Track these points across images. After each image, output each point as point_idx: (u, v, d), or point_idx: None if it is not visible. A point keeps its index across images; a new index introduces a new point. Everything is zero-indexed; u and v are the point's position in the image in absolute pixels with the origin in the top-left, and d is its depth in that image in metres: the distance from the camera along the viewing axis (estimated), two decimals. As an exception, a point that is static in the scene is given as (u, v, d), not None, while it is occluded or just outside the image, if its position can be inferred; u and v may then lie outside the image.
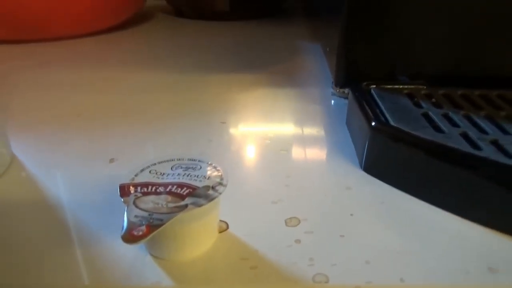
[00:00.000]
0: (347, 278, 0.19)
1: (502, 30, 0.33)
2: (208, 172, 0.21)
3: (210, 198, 0.19)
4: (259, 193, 0.26)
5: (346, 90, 0.38)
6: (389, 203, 0.25)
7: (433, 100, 0.32)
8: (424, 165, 0.25)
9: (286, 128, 0.35)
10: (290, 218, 0.24)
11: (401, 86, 0.34)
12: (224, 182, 0.20)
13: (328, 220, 0.23)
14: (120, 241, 0.17)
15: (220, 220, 0.23)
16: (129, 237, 0.16)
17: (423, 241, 0.22)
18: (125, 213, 0.18)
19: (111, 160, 0.30)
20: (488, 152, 0.24)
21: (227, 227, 0.23)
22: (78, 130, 0.34)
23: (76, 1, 0.59)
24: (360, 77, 0.35)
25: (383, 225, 0.23)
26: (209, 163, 0.22)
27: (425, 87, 0.34)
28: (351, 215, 0.24)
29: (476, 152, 0.23)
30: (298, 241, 0.22)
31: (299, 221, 0.23)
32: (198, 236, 0.20)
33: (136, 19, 0.75)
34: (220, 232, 0.22)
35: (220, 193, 0.20)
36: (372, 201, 0.25)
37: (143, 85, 0.45)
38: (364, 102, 0.31)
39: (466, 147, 0.24)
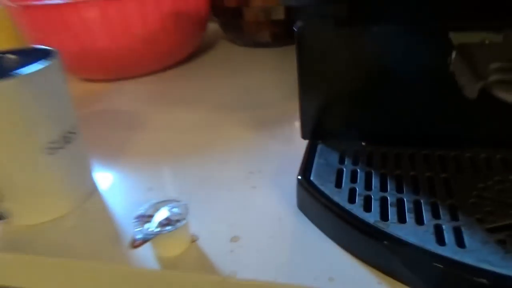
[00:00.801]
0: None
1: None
2: (180, 210, 0.39)
3: (175, 227, 0.37)
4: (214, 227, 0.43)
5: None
6: (285, 221, 0.40)
7: (358, 157, 0.45)
8: (317, 212, 0.39)
9: (261, 168, 0.51)
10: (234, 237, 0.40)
11: (343, 143, 0.47)
12: (186, 218, 0.38)
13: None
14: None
15: (192, 234, 0.40)
16: (131, 245, 0.35)
17: (297, 254, 0.37)
18: (134, 231, 0.37)
19: (150, 189, 0.49)
20: (356, 206, 0.37)
21: (197, 239, 0.40)
22: (135, 164, 0.54)
23: (152, 45, 0.79)
24: (317, 133, 0.49)
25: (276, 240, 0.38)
26: (184, 204, 0.39)
27: (364, 144, 0.47)
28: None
29: (347, 206, 0.37)
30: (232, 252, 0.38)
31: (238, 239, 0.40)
32: (170, 244, 0.38)
33: (197, 48, 0.94)
34: (192, 242, 0.40)
35: (180, 226, 0.37)
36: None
37: (176, 124, 0.63)
38: (307, 156, 0.45)
39: (343, 201, 0.38)
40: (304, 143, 0.48)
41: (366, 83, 0.45)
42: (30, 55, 0.44)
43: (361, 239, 0.35)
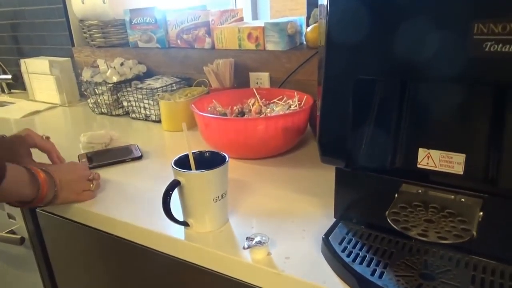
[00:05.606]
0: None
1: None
2: (266, 238, 0.86)
3: (263, 245, 0.85)
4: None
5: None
6: (313, 256, 0.84)
7: (362, 237, 0.88)
8: (327, 253, 0.84)
9: (309, 228, 0.96)
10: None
11: (358, 227, 0.91)
12: (267, 242, 0.85)
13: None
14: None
15: (269, 250, 0.88)
16: (244, 248, 0.84)
17: (315, 272, 0.81)
18: (246, 242, 0.86)
19: (251, 227, 0.98)
20: (346, 256, 0.81)
21: (270, 254, 0.87)
22: (244, 212, 1.05)
23: (268, 145, 1.32)
24: (341, 216, 0.93)
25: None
26: (267, 236, 0.87)
27: (363, 227, 0.90)
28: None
29: (342, 256, 0.81)
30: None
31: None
32: (260, 252, 0.86)
33: (295, 144, 1.45)
34: (268, 254, 0.87)
35: (265, 244, 0.85)
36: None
37: (268, 193, 1.12)
38: (332, 227, 0.90)
39: (341, 252, 0.82)
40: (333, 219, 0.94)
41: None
42: (215, 155, 0.99)
43: (335, 266, 0.79)
